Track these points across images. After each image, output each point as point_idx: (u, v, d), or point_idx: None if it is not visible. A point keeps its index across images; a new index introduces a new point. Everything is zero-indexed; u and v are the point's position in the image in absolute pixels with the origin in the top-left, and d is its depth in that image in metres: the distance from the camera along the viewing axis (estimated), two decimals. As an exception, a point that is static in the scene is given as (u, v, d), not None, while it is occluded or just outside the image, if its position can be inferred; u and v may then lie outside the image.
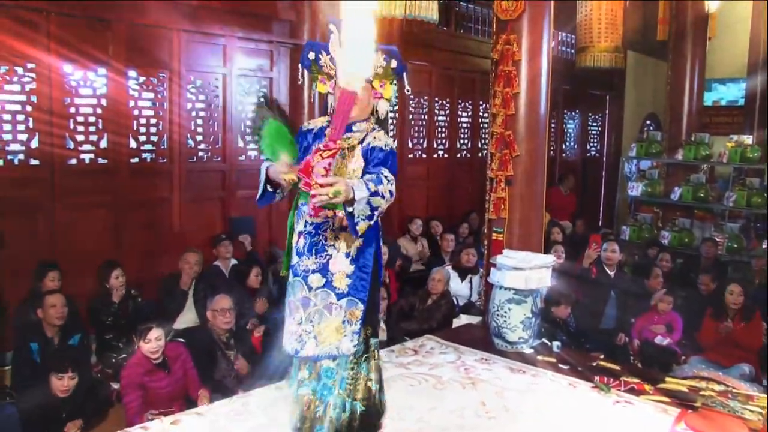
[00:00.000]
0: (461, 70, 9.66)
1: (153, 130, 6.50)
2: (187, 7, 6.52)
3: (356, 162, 2.93)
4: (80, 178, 5.95)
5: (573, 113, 12.55)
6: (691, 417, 3.79)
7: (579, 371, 4.55)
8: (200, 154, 6.97)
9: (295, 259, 3.01)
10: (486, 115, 9.41)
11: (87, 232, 5.98)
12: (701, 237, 8.62)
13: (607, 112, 13.37)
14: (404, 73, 3.17)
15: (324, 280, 2.92)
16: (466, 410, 3.88)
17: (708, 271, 6.82)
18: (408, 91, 3.21)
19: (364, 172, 2.87)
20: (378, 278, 3.11)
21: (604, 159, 13.37)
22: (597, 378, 4.36)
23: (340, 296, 2.92)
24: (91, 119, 5.99)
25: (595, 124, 13.22)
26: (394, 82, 3.14)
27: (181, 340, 4.72)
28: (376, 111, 3.13)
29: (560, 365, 4.67)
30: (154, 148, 6.52)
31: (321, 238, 2.93)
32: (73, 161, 5.95)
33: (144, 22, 6.22)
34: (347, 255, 2.91)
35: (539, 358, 4.80)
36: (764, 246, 8.00)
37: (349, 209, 2.63)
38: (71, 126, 5.87)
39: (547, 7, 5.48)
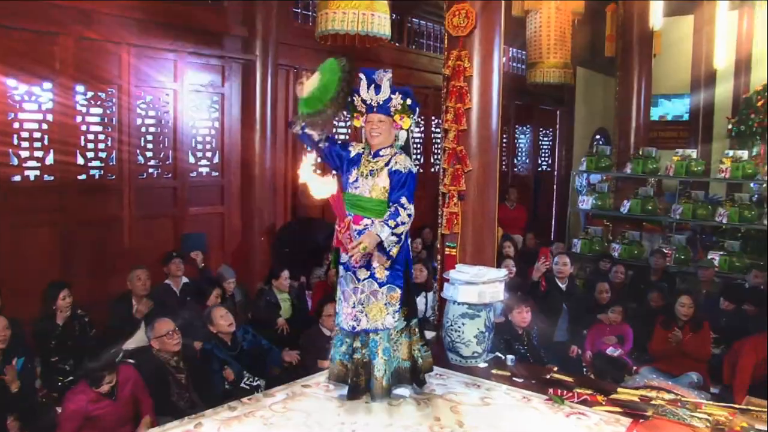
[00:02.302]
0: (414, 86, 9.70)
1: (101, 146, 6.39)
2: (136, 21, 6.43)
3: (385, 180, 3.89)
4: (25, 196, 5.79)
5: (524, 128, 12.74)
6: (642, 426, 3.84)
7: (533, 384, 4.57)
8: (150, 170, 6.87)
9: (344, 258, 4.00)
10: (438, 130, 9.49)
11: (33, 251, 5.82)
12: (650, 249, 8.81)
13: (557, 126, 13.61)
14: (417, 109, 4.10)
15: (368, 272, 3.93)
16: (421, 426, 3.86)
17: (658, 288, 6.96)
18: (419, 122, 4.05)
19: (390, 192, 3.88)
20: (410, 271, 4.18)
21: (556, 173, 13.60)
22: (551, 390, 4.39)
23: (381, 284, 3.94)
24: (36, 135, 5.85)
25: (546, 138, 13.44)
26: (412, 115, 4.03)
27: (131, 361, 4.59)
28: (397, 138, 4.05)
29: (514, 378, 4.68)
30: (102, 164, 6.41)
31: None
32: (17, 178, 5.79)
33: (92, 36, 6.11)
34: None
35: (493, 372, 4.81)
36: (709, 257, 8.21)
37: (383, 245, 3.77)
38: (15, 142, 5.72)
39: (498, 24, 5.55)
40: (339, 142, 4.20)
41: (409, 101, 3.99)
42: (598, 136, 13.87)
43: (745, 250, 8.57)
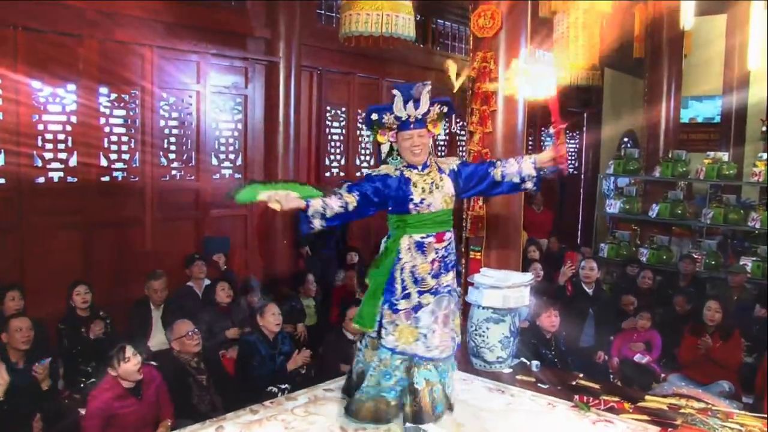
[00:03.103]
0: (438, 88, 9.67)
1: (124, 148, 6.47)
2: (159, 23, 6.51)
3: (449, 186, 3.69)
4: (49, 198, 5.88)
5: (551, 131, 12.64)
6: (671, 435, 3.80)
7: (558, 390, 4.54)
8: (173, 172, 6.94)
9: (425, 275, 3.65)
10: (463, 132, 9.46)
11: (56, 253, 5.91)
12: (679, 254, 8.71)
13: (584, 129, 13.51)
14: (453, 115, 3.98)
15: (448, 280, 3.75)
16: (444, 431, 3.86)
17: (683, 292, 6.88)
18: (452, 125, 3.82)
19: (475, 172, 3.75)
20: None
21: (582, 176, 13.49)
22: (576, 397, 4.35)
23: (456, 296, 3.76)
24: (60, 137, 5.95)
25: (572, 141, 13.35)
26: (444, 120, 3.90)
27: (154, 363, 4.64)
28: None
29: (539, 385, 4.65)
30: (125, 166, 6.49)
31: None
32: (41, 180, 5.89)
33: (116, 38, 6.20)
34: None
35: (518, 377, 4.77)
36: (741, 262, 8.10)
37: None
38: (39, 144, 5.82)
39: (524, 25, 5.52)
40: (363, 182, 3.65)
41: (445, 109, 3.81)
42: (626, 139, 13.75)
43: (779, 255, 8.44)
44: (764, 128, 11.62)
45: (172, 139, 6.90)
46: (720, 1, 12.10)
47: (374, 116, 3.65)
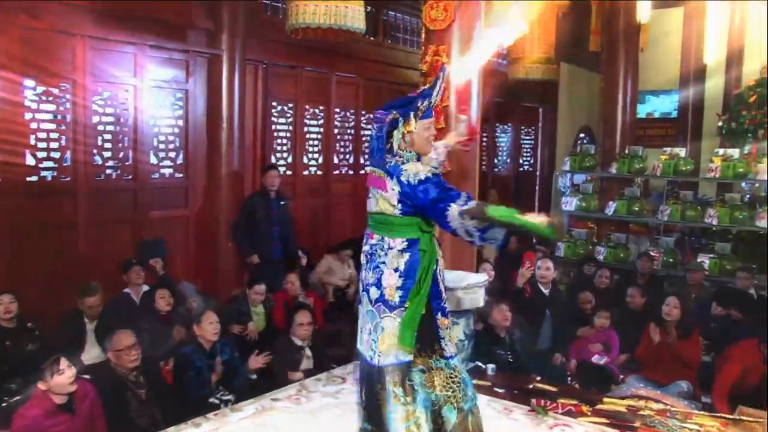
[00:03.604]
0: (390, 82, 9.71)
1: (54, 145, 6.27)
2: (91, 11, 6.32)
3: None
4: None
5: (505, 126, 12.79)
6: (629, 438, 3.86)
7: (515, 394, 4.58)
8: (108, 171, 6.77)
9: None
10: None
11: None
12: (637, 252, 8.87)
13: (540, 125, 13.68)
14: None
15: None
16: (397, 440, 3.83)
17: (637, 285, 7.01)
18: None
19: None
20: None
21: (538, 173, 13.66)
22: (533, 401, 4.39)
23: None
24: (-19, 134, 5.73)
25: (528, 137, 13.51)
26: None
27: (87, 377, 4.50)
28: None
29: (495, 389, 4.68)
30: (55, 165, 6.29)
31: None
32: (-40, 180, 5.68)
33: (41, 27, 6.00)
34: (396, 270, 3.30)
35: (473, 381, 4.79)
36: (699, 260, 8.29)
37: None
38: (-44, 141, 5.61)
39: (478, 17, 5.55)
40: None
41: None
42: (582, 135, 13.97)
43: (737, 252, 8.66)
44: (720, 123, 11.94)
45: (107, 137, 6.71)
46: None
47: (419, 102, 3.38)
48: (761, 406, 4.37)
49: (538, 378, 4.93)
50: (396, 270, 3.27)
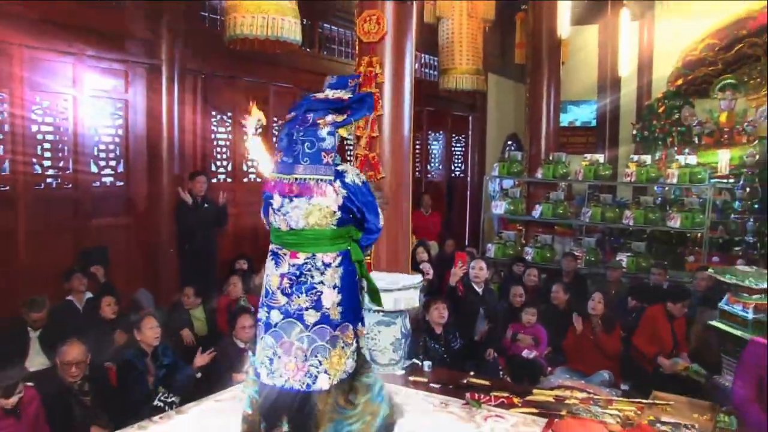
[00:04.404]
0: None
1: (-8, 155, 6.07)
2: (28, 21, 6.14)
3: None
4: None
5: (437, 134, 12.95)
6: (557, 425, 3.98)
7: (450, 389, 4.66)
8: (48, 180, 6.59)
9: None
10: (351, 137, 9.51)
11: None
12: (562, 252, 9.13)
13: (470, 132, 13.88)
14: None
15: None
16: (339, 436, 3.86)
17: (561, 282, 7.23)
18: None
19: None
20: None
21: (469, 178, 13.88)
22: (468, 395, 4.48)
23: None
24: None
25: (458, 144, 13.70)
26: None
27: (31, 384, 4.39)
28: None
29: (432, 384, 4.76)
30: (-6, 174, 6.09)
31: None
32: None
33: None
34: (335, 287, 3.05)
35: (411, 378, 4.87)
36: (618, 258, 8.59)
37: None
38: None
39: (410, 30, 5.63)
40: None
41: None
42: (510, 142, 14.25)
43: (651, 250, 9.02)
44: (634, 131, 12.42)
45: (47, 146, 6.53)
46: (593, 12, 12.85)
47: (355, 116, 3.13)
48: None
49: (472, 373, 5.03)
50: (335, 287, 3.02)
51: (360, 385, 3.17)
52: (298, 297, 2.99)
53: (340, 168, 3.02)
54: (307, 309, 2.99)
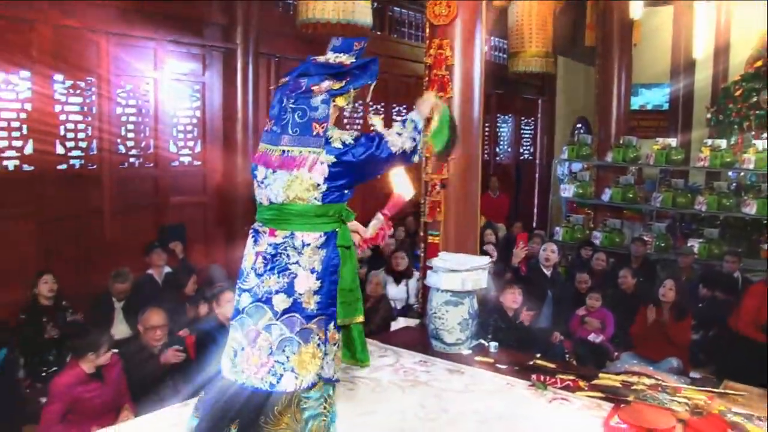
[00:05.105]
0: (395, 75, 9.72)
1: (81, 135, 6.34)
2: (114, 9, 6.37)
3: None
4: (4, 187, 5.73)
5: (506, 117, 12.79)
6: (623, 411, 3.90)
7: (516, 371, 4.63)
8: (131, 160, 6.84)
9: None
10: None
11: (12, 243, 5.76)
12: (631, 236, 8.91)
13: (539, 115, 13.67)
14: None
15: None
16: (405, 413, 3.89)
17: (629, 267, 7.05)
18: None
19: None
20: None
21: (537, 162, 13.68)
22: (534, 377, 4.44)
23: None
24: (15, 124, 5.78)
25: (527, 127, 13.51)
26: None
27: (115, 350, 4.58)
28: None
29: (497, 365, 4.74)
30: (82, 154, 6.36)
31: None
32: (-5, 168, 5.73)
33: (70, 24, 6.04)
34: (312, 271, 2.61)
35: (477, 359, 4.85)
36: (689, 244, 8.33)
37: None
38: (-7, 132, 5.66)
39: (479, 13, 5.56)
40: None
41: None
42: (579, 125, 13.97)
43: (724, 237, 8.70)
44: (708, 115, 11.94)
45: (130, 127, 6.78)
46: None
47: (354, 83, 2.75)
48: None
49: (538, 355, 4.98)
50: (313, 271, 2.58)
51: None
52: (269, 278, 2.58)
53: (327, 134, 2.59)
54: (277, 292, 2.56)
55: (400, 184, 2.99)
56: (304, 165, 2.54)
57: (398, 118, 9.83)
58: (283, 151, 2.60)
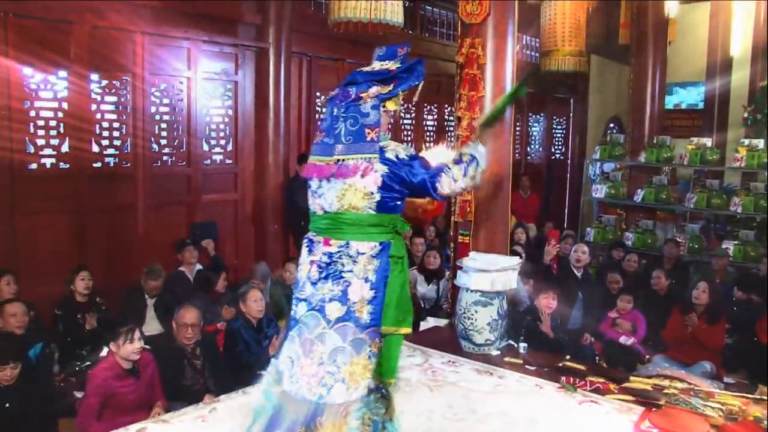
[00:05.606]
0: (427, 74, 9.62)
1: (116, 134, 6.43)
2: (149, 9, 6.45)
3: None
4: (41, 184, 5.84)
5: (538, 116, 12.68)
6: (654, 415, 3.84)
7: (545, 372, 4.59)
8: (164, 158, 6.91)
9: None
10: (451, 117, 9.46)
11: (48, 239, 5.88)
12: (664, 238, 8.76)
13: (571, 115, 13.53)
14: None
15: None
16: (433, 413, 3.89)
17: (662, 268, 6.93)
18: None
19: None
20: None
21: (569, 161, 13.54)
22: (563, 378, 4.40)
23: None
24: (52, 123, 5.90)
25: (559, 127, 13.38)
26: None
27: (147, 347, 4.63)
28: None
29: (527, 366, 4.71)
30: (117, 152, 6.45)
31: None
32: (34, 166, 5.84)
33: (106, 25, 6.14)
34: (366, 280, 2.62)
35: (506, 359, 4.82)
36: (723, 246, 8.17)
37: None
38: (31, 130, 5.77)
39: (512, 11, 5.52)
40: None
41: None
42: (611, 125, 13.80)
43: (760, 239, 8.51)
44: (745, 114, 11.69)
45: (164, 125, 6.86)
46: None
47: (402, 86, 2.81)
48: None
49: (568, 357, 4.93)
50: (367, 280, 2.59)
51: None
52: (323, 286, 2.60)
53: (382, 144, 2.64)
54: (330, 300, 2.58)
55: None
56: (357, 172, 2.57)
57: (429, 118, 9.93)
58: (338, 160, 2.60)
